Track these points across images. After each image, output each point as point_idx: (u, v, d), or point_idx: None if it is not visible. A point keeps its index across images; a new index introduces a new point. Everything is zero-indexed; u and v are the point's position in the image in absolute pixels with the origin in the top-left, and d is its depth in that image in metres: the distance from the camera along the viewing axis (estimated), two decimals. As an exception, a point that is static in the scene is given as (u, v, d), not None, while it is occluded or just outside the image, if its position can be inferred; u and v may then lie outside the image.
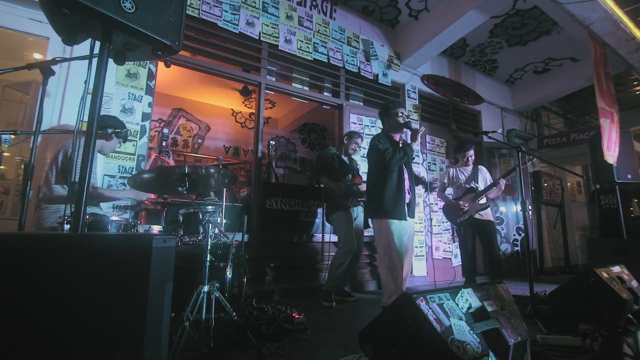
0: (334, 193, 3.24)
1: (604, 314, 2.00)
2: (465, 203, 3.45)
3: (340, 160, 3.36)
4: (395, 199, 2.62)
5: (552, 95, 6.37)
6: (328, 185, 3.28)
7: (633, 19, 4.17)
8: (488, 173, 3.72)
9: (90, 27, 1.11)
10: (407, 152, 2.63)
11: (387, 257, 2.57)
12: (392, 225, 2.57)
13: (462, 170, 3.70)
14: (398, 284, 2.52)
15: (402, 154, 2.61)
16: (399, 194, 2.64)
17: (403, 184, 2.68)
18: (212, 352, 1.63)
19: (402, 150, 2.62)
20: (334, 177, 3.27)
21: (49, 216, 2.09)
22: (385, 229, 2.60)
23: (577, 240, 7.21)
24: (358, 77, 4.46)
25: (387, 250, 2.57)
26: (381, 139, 2.78)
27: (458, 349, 1.04)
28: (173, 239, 0.99)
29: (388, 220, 2.59)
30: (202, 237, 2.00)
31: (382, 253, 2.63)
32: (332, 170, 3.30)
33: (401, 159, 2.61)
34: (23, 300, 0.81)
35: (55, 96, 2.69)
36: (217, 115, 6.79)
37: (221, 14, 3.44)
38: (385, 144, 2.71)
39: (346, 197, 3.16)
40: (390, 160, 2.59)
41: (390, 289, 2.56)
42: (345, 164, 3.37)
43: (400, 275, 2.53)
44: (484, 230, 3.40)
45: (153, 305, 0.84)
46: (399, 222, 2.59)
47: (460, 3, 4.08)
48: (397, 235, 2.56)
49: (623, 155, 4.06)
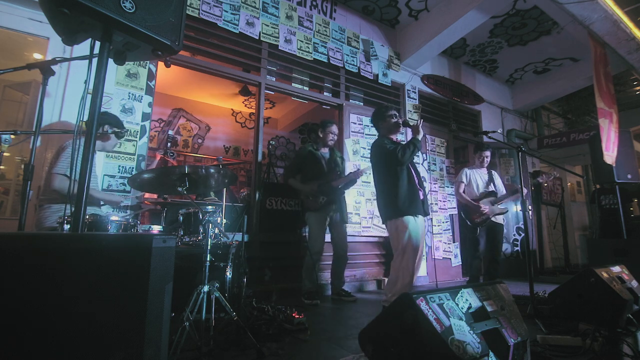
0: (303, 194, 3.26)
1: (604, 314, 2.00)
2: (485, 206, 3.52)
3: (314, 158, 3.33)
4: (410, 195, 2.61)
5: (552, 95, 6.36)
6: (295, 186, 3.31)
7: (633, 19, 4.16)
8: (499, 178, 3.84)
9: (90, 27, 1.11)
10: (416, 145, 2.62)
11: (401, 258, 2.53)
12: (410, 224, 2.53)
13: (477, 172, 3.79)
14: (405, 285, 2.48)
15: (412, 148, 2.60)
16: (412, 189, 2.63)
17: (414, 179, 2.68)
18: (212, 352, 1.63)
19: (412, 144, 2.61)
20: (309, 176, 3.27)
21: (50, 216, 2.09)
22: (401, 228, 2.55)
23: (577, 240, 7.20)
24: (358, 77, 4.46)
25: (403, 250, 2.53)
26: (385, 140, 2.79)
27: (458, 349, 1.04)
28: (173, 239, 0.99)
29: (404, 219, 2.54)
30: (202, 237, 2.00)
31: (397, 254, 2.58)
32: (306, 170, 3.30)
33: (412, 152, 2.60)
34: (23, 301, 0.81)
35: (55, 96, 2.69)
36: (217, 115, 6.79)
37: (221, 14, 3.44)
38: (392, 145, 2.73)
39: (314, 198, 3.16)
40: (404, 157, 2.57)
41: (394, 289, 2.52)
42: (318, 161, 3.32)
43: (409, 278, 2.48)
44: (492, 232, 3.53)
45: (153, 305, 0.84)
46: (414, 220, 2.56)
47: (460, 3, 4.08)
48: (414, 234, 2.52)
49: (623, 155, 4.05)
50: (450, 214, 4.99)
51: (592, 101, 4.35)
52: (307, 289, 3.15)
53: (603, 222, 4.40)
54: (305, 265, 3.20)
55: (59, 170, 2.08)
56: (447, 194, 5.03)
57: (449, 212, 4.98)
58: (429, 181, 4.84)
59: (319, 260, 3.18)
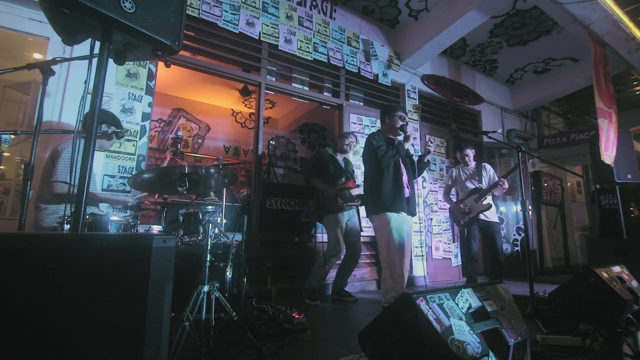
0: (324, 195, 3.25)
1: (604, 314, 2.00)
2: (466, 204, 3.45)
3: (335, 162, 3.36)
4: (393, 192, 2.64)
5: (552, 95, 6.36)
6: (318, 186, 3.29)
7: (633, 19, 4.16)
8: (492, 170, 3.69)
9: (90, 27, 1.11)
10: (399, 150, 2.66)
11: (386, 252, 2.58)
12: (392, 220, 2.58)
13: (464, 170, 3.70)
14: (396, 281, 2.52)
15: (394, 151, 2.64)
16: (397, 187, 2.67)
17: (401, 178, 2.70)
18: (212, 352, 1.63)
19: (395, 148, 2.66)
20: (327, 179, 3.27)
21: (47, 216, 2.09)
22: (384, 223, 2.61)
23: (577, 240, 7.20)
24: (358, 77, 4.46)
25: (386, 245, 2.58)
26: (376, 136, 2.80)
27: (458, 349, 1.04)
28: (173, 239, 0.99)
29: (387, 215, 2.59)
30: (202, 237, 2.00)
31: (382, 249, 2.63)
32: (325, 171, 3.30)
33: (393, 156, 2.64)
34: (23, 301, 0.81)
35: (55, 96, 2.69)
36: (217, 115, 6.79)
37: (221, 14, 3.44)
38: (379, 141, 2.74)
39: (335, 200, 3.16)
40: (383, 157, 2.63)
41: (387, 285, 2.57)
42: (340, 166, 3.36)
43: (398, 272, 2.53)
44: (487, 232, 3.43)
45: (153, 305, 0.84)
46: (398, 216, 2.60)
47: (460, 3, 4.08)
48: (396, 230, 2.56)
49: (623, 155, 4.05)
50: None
51: (592, 101, 4.35)
52: (313, 287, 3.13)
53: (603, 222, 4.40)
54: (317, 264, 3.18)
55: (58, 177, 2.08)
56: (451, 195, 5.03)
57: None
58: (429, 181, 4.85)
59: (334, 262, 3.16)
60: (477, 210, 3.40)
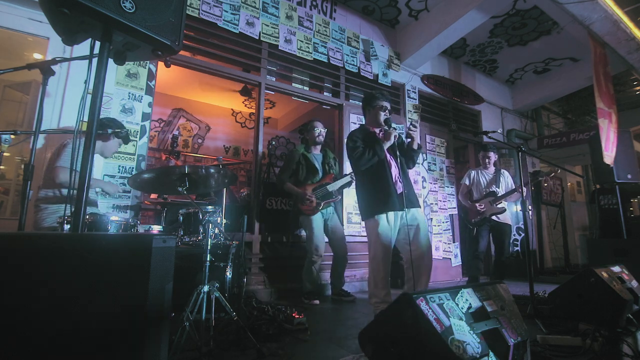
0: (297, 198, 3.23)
1: (604, 314, 1.99)
2: (482, 205, 3.51)
3: (307, 160, 3.29)
4: (379, 193, 2.40)
5: (552, 95, 6.36)
6: (292, 192, 3.26)
7: (633, 19, 4.16)
8: (510, 178, 3.79)
9: (90, 27, 1.11)
10: (376, 152, 2.38)
11: (371, 257, 2.40)
12: (379, 226, 2.33)
13: (483, 173, 3.80)
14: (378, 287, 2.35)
15: (370, 154, 2.38)
16: (382, 186, 2.40)
17: (387, 175, 2.43)
18: (212, 352, 1.63)
19: (372, 151, 2.38)
20: (302, 179, 3.24)
21: (47, 217, 2.09)
22: (370, 228, 2.41)
23: (577, 240, 7.20)
24: (358, 77, 4.46)
25: (372, 250, 2.39)
26: (354, 135, 2.54)
27: (458, 349, 1.04)
28: (173, 239, 0.99)
29: (374, 219, 2.36)
30: (202, 237, 2.00)
31: (369, 252, 2.45)
32: (298, 172, 3.26)
33: (370, 159, 2.38)
34: (23, 301, 0.81)
35: (55, 96, 2.69)
36: (217, 115, 6.79)
37: (221, 14, 3.44)
38: (356, 142, 2.47)
39: (310, 202, 3.12)
40: (358, 161, 2.40)
41: (370, 289, 2.42)
42: (312, 164, 3.28)
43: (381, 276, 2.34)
44: (498, 232, 3.52)
45: (153, 305, 0.84)
46: (387, 218, 2.36)
47: (460, 3, 4.08)
48: (383, 235, 2.33)
49: (623, 155, 4.05)
50: (450, 214, 4.99)
51: (592, 101, 4.35)
52: (307, 290, 3.15)
53: (603, 222, 4.40)
54: (305, 266, 3.19)
55: (62, 163, 2.08)
56: (447, 194, 5.04)
57: (449, 212, 4.98)
58: (429, 181, 4.84)
59: (318, 263, 3.15)
60: (490, 212, 3.50)
